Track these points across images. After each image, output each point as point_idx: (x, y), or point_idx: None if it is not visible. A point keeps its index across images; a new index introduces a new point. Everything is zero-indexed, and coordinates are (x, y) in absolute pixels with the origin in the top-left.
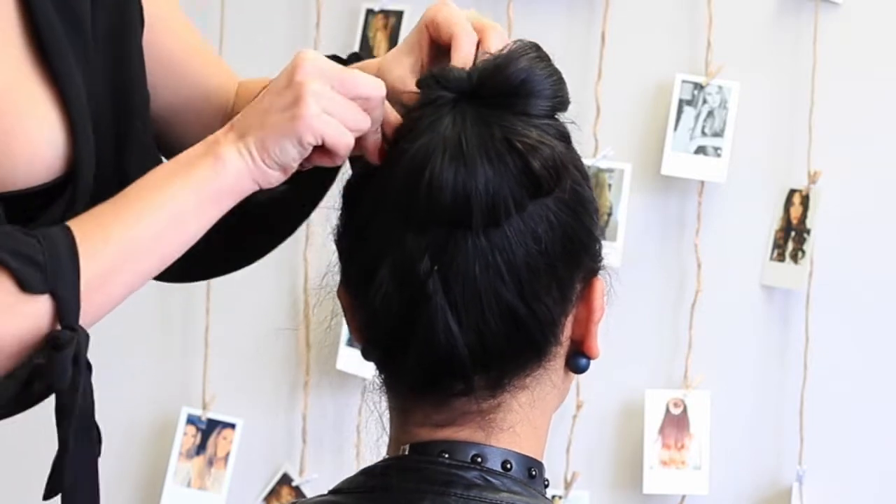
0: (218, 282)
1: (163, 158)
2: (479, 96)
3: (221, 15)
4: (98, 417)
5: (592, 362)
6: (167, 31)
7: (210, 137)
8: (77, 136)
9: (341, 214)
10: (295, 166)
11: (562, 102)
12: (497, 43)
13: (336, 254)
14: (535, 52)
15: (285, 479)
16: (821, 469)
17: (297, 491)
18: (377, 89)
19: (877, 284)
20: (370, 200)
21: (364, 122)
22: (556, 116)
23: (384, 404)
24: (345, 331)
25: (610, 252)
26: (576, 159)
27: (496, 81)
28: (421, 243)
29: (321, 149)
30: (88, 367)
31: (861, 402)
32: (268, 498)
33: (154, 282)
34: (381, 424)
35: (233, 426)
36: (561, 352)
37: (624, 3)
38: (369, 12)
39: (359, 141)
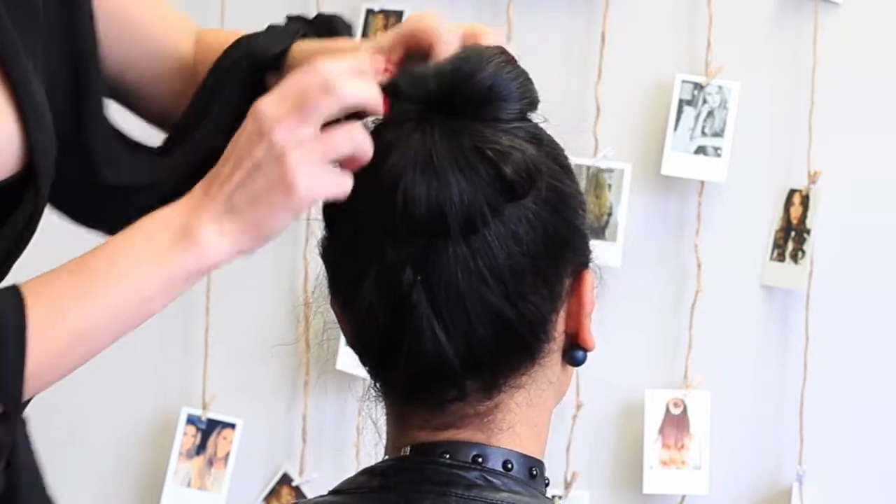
0: (218, 282)
1: (115, 126)
2: (447, 105)
3: (221, 14)
4: (98, 417)
5: (592, 363)
6: None
7: (182, 211)
8: (30, 130)
9: (324, 228)
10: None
11: (531, 103)
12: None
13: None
14: (501, 57)
15: (285, 479)
16: (821, 469)
17: (297, 491)
18: (364, 90)
19: (877, 284)
20: (348, 217)
21: (363, 141)
22: (527, 117)
23: (379, 411)
24: None
25: (610, 252)
26: (556, 155)
27: (463, 91)
28: (401, 255)
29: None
30: (23, 423)
31: (861, 402)
32: (268, 498)
33: None
34: (376, 431)
35: (233, 426)
36: (555, 347)
37: (624, 3)
38: (369, 12)
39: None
